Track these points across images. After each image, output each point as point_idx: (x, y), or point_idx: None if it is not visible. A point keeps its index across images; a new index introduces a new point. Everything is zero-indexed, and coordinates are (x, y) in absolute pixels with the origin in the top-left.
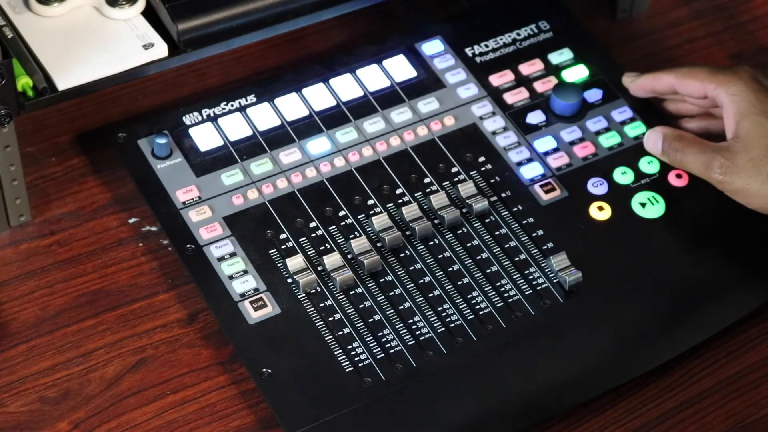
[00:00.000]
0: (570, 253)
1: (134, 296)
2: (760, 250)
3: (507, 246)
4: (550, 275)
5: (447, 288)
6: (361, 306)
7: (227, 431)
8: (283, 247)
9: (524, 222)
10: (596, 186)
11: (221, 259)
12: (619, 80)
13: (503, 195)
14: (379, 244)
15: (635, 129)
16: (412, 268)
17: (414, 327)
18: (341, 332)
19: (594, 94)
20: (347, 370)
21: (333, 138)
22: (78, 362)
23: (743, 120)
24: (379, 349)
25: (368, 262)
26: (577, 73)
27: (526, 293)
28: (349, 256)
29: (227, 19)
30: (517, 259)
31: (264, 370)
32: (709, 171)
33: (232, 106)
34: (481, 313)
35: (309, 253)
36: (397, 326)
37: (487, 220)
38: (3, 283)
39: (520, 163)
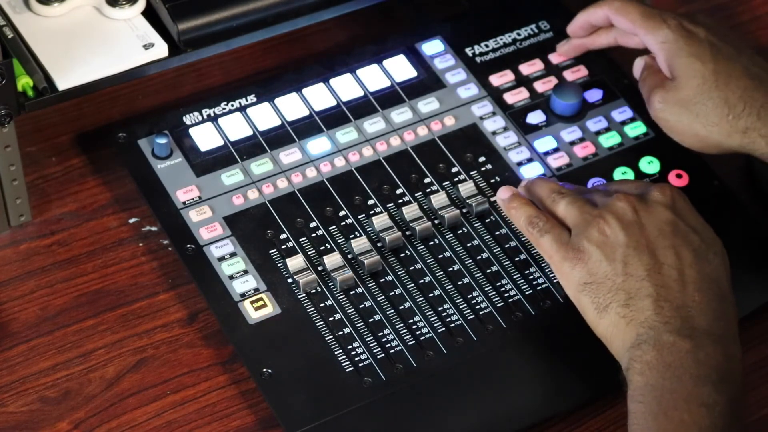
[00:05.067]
0: None
1: (134, 296)
2: (760, 250)
3: (507, 246)
4: (551, 275)
5: (447, 288)
6: (361, 306)
7: (227, 431)
8: (283, 247)
9: None
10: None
11: (221, 259)
12: (619, 80)
13: None
14: (379, 244)
15: (635, 129)
16: (412, 268)
17: (414, 327)
18: (341, 332)
19: (594, 94)
20: (347, 370)
21: (333, 138)
22: (78, 362)
23: (674, 62)
24: (379, 349)
25: (368, 262)
26: (577, 73)
27: (526, 293)
28: (349, 256)
29: (227, 19)
30: (517, 259)
31: (264, 370)
32: (650, 104)
33: (232, 106)
34: (481, 313)
35: (309, 253)
36: (397, 326)
37: (487, 220)
38: (3, 283)
39: (520, 163)
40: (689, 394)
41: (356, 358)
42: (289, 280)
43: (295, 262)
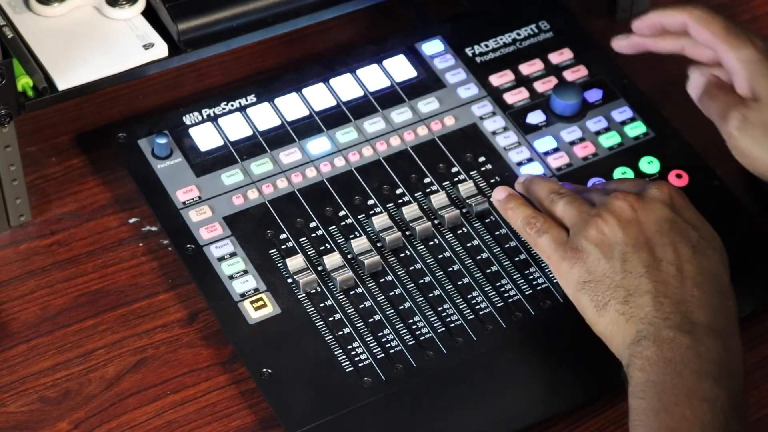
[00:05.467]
0: None
1: (134, 296)
2: (760, 250)
3: (507, 246)
4: (550, 275)
5: (447, 288)
6: (361, 306)
7: (227, 431)
8: (283, 247)
9: None
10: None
11: (221, 259)
12: (619, 80)
13: None
14: (379, 244)
15: (635, 129)
16: (412, 268)
17: (414, 327)
18: (341, 332)
19: (594, 94)
20: (347, 370)
21: (333, 138)
22: (78, 362)
23: (760, 83)
24: (379, 349)
25: (368, 262)
26: (577, 73)
27: (526, 293)
28: (349, 256)
29: (227, 19)
30: (517, 259)
31: (264, 370)
32: (727, 120)
33: (232, 106)
34: (481, 313)
35: (309, 253)
36: (397, 326)
37: (487, 220)
38: (3, 283)
39: (520, 163)
40: (690, 389)
41: (356, 358)
42: (289, 280)
43: (295, 262)
